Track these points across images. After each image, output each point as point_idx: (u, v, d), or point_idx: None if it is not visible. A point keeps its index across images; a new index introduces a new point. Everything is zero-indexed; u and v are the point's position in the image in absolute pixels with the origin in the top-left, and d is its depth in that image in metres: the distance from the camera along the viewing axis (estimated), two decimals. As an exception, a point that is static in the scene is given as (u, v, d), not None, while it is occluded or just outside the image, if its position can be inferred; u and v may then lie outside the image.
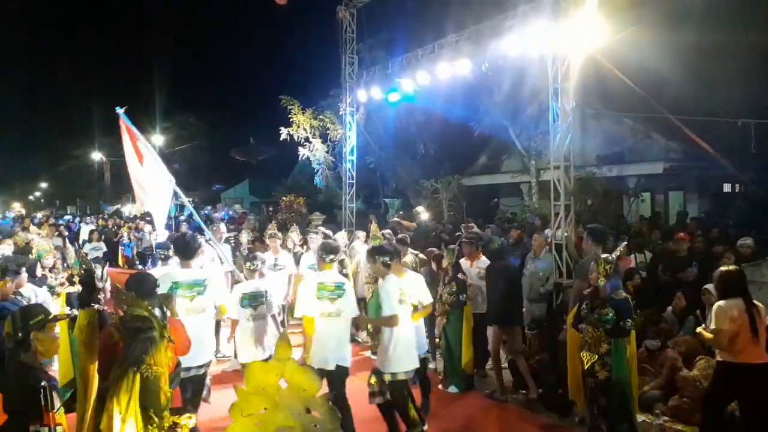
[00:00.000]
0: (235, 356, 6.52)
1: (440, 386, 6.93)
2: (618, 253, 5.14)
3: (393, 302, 5.00)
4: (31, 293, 6.02)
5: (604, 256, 5.07)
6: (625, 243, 5.93)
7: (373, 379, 5.14)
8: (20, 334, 3.13)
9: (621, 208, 15.25)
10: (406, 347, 5.07)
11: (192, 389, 4.89)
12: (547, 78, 8.74)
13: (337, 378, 5.06)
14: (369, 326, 7.78)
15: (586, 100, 14.08)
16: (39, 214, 31.66)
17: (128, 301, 3.58)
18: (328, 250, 5.34)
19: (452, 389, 6.80)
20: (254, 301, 5.89)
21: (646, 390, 6.01)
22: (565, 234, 8.40)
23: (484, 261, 7.31)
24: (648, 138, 15.85)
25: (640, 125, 15.79)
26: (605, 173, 14.32)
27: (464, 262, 7.42)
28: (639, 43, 11.32)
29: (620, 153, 16.09)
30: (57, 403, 3.06)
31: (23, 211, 34.76)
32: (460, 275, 6.89)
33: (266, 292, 6.00)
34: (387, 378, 5.02)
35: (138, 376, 3.22)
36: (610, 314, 4.78)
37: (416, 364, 5.25)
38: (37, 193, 56.91)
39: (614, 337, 4.81)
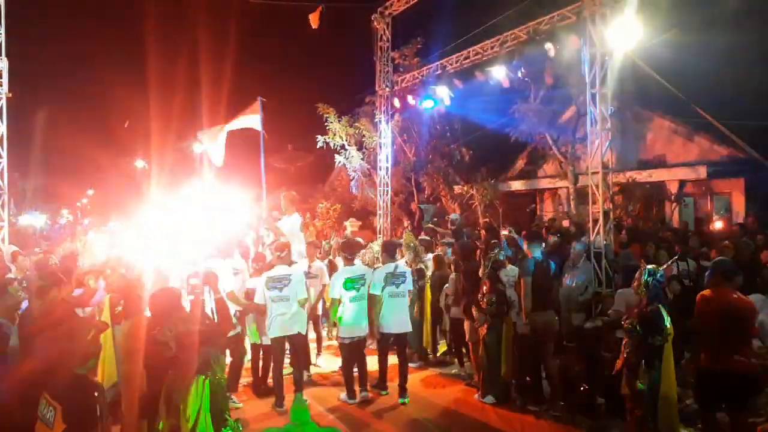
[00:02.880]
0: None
1: (476, 396, 6.87)
2: (665, 267, 5.09)
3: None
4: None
5: (649, 266, 5.00)
6: (676, 258, 5.85)
7: None
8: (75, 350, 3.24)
9: (663, 213, 14.88)
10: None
11: None
12: (584, 82, 8.63)
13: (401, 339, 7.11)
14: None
15: (625, 103, 13.82)
16: (85, 221, 32.69)
17: (183, 317, 3.73)
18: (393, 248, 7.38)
19: (489, 399, 6.71)
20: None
21: (689, 403, 5.84)
22: (604, 242, 8.24)
23: (512, 269, 7.17)
24: (690, 141, 15.45)
25: (683, 128, 15.40)
26: (646, 178, 14.00)
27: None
28: (679, 45, 11.08)
29: (662, 157, 15.73)
30: (108, 414, 3.17)
31: (71, 218, 35.94)
32: (499, 285, 6.81)
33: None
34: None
35: (208, 383, 3.35)
36: (637, 326, 4.76)
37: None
38: (84, 200, 58.59)
39: (639, 352, 4.76)
